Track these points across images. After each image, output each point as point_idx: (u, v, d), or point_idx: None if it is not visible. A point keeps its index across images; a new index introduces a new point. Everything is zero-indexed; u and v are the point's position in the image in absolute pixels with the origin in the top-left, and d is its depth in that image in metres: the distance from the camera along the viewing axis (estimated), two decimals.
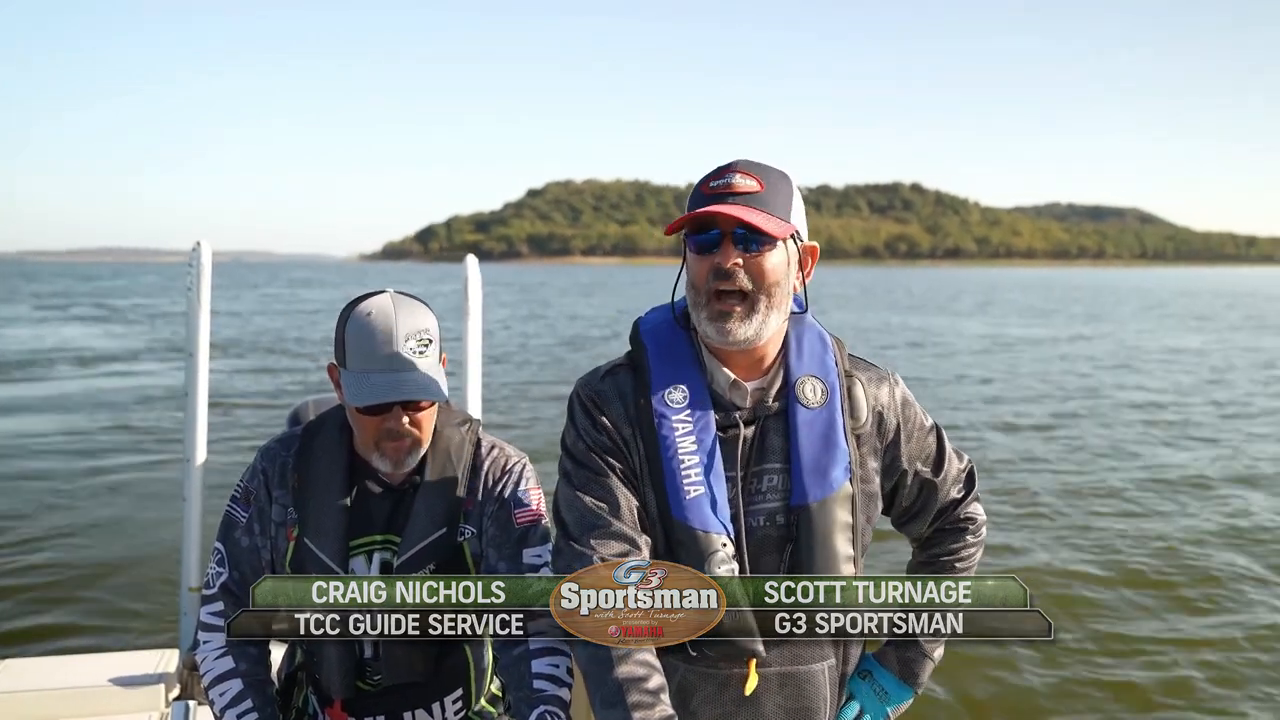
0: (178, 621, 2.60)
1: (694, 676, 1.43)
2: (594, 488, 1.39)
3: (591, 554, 1.31)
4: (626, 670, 1.22)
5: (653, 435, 1.39)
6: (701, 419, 1.39)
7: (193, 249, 2.59)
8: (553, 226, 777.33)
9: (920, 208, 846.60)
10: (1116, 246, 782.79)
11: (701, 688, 1.43)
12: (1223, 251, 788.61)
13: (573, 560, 1.32)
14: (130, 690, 2.41)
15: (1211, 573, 6.06)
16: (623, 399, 1.43)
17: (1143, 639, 5.05)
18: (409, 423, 1.60)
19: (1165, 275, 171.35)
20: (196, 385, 2.57)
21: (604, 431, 1.41)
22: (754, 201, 1.34)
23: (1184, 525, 7.21)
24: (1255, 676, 4.61)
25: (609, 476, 1.39)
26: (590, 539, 1.33)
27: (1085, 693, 4.45)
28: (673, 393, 1.40)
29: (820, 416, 1.42)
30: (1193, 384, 15.95)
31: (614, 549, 1.32)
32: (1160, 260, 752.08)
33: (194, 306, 2.54)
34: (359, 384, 1.56)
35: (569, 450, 1.45)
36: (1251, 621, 5.29)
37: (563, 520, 1.40)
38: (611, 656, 1.23)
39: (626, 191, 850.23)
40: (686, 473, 1.36)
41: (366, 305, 1.61)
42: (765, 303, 1.35)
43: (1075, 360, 19.79)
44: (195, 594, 2.49)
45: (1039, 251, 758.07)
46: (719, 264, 1.34)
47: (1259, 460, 9.67)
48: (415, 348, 1.58)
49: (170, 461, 8.75)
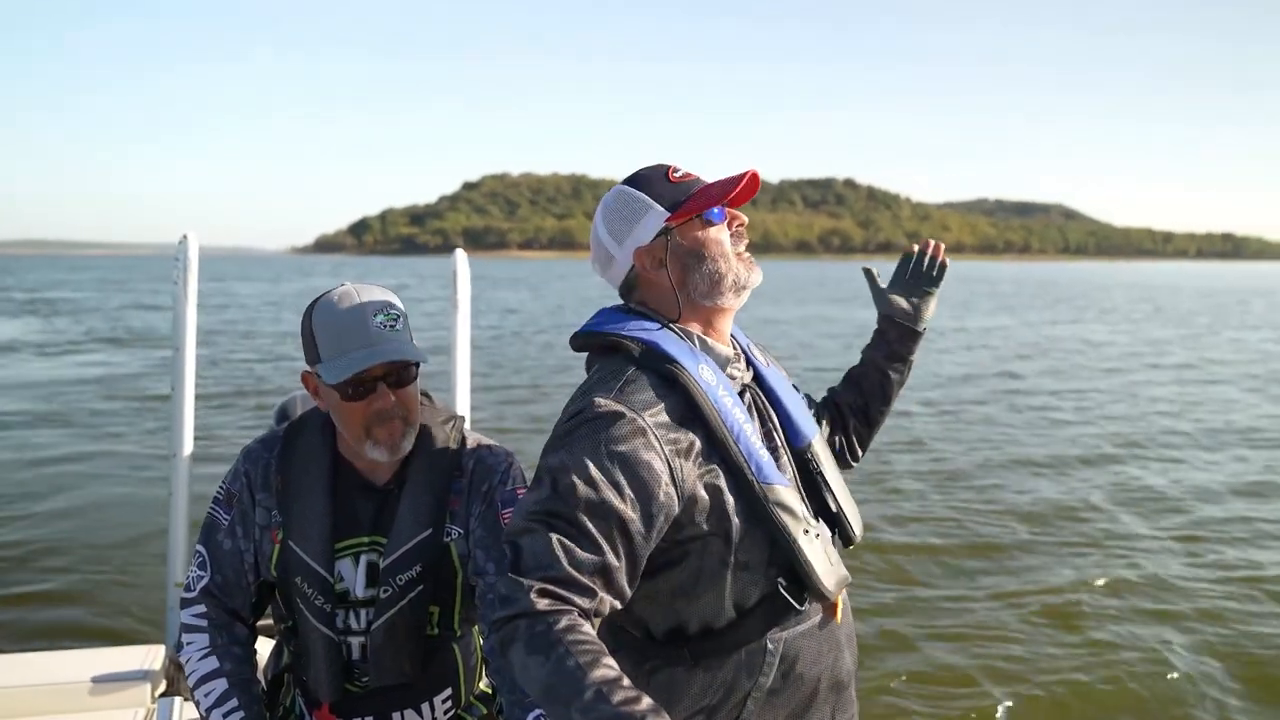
0: (164, 617, 2.58)
1: (792, 637, 1.39)
2: (577, 544, 1.22)
3: (533, 585, 1.18)
4: (601, 674, 1.10)
5: (715, 416, 1.34)
6: (730, 392, 1.40)
7: (179, 242, 2.51)
8: (489, 220, 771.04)
9: (853, 202, 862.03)
10: (1041, 241, 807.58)
11: (804, 645, 1.41)
12: (1141, 247, 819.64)
13: (514, 590, 1.19)
14: (116, 686, 2.37)
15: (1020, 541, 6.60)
16: (663, 399, 1.32)
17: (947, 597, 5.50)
18: (396, 402, 1.56)
19: (1083, 269, 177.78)
20: (183, 380, 2.52)
21: (642, 487, 1.26)
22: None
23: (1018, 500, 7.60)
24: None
25: (600, 541, 1.23)
26: (538, 575, 1.20)
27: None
28: (703, 371, 1.37)
29: (775, 370, 1.57)
30: (1087, 374, 16.49)
31: (565, 588, 1.20)
32: (1082, 255, 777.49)
33: (180, 301, 2.49)
34: (338, 365, 1.52)
35: (562, 495, 1.24)
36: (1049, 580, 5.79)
37: (519, 545, 1.24)
38: (580, 664, 1.11)
39: (563, 185, 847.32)
40: (753, 439, 1.37)
41: (328, 296, 1.58)
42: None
43: (975, 350, 20.49)
44: (180, 590, 2.46)
45: (967, 246, 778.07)
46: (742, 223, 1.46)
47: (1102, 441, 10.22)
48: (385, 322, 1.54)
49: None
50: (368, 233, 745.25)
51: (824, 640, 1.45)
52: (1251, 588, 5.60)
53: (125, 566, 5.89)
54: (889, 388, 1.77)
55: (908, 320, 1.75)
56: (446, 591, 1.66)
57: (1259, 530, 6.79)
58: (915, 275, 1.78)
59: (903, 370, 1.78)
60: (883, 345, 1.77)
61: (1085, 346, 21.47)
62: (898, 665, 4.57)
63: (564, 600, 1.19)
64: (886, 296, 1.77)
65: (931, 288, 1.77)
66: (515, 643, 1.17)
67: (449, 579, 1.66)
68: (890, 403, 1.79)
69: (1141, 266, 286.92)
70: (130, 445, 9.51)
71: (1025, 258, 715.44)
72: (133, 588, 5.53)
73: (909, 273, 1.78)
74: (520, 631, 1.17)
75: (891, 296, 1.77)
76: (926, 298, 1.77)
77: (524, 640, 1.16)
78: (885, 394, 1.77)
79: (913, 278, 1.78)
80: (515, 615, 1.18)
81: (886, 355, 1.76)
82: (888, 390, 1.77)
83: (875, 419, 1.79)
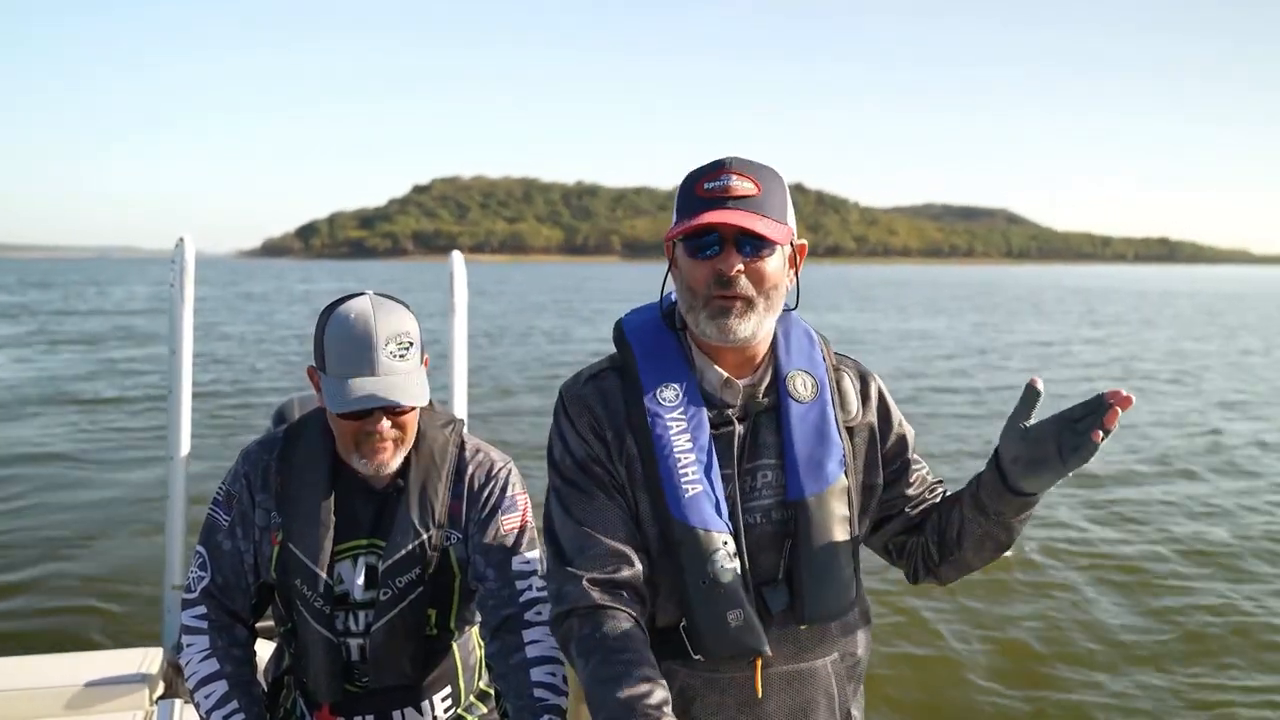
0: (161, 619, 2.53)
1: (696, 682, 1.41)
2: (582, 505, 1.37)
3: (583, 575, 1.31)
4: (629, 688, 1.19)
5: (646, 436, 1.37)
6: (695, 417, 1.37)
7: (176, 245, 2.48)
8: (439, 223, 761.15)
9: (803, 206, 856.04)
10: (985, 245, 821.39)
11: (704, 694, 1.40)
12: (1081, 250, 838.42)
13: (565, 583, 1.32)
14: (114, 689, 2.34)
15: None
16: (608, 402, 1.41)
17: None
18: (391, 425, 1.58)
19: (1025, 273, 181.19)
20: (180, 382, 2.49)
21: (589, 440, 1.40)
22: (753, 206, 1.32)
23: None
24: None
25: (596, 491, 1.38)
26: (580, 561, 1.33)
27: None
28: (664, 391, 1.38)
29: (812, 410, 1.41)
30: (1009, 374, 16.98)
31: (606, 568, 1.32)
32: (1025, 258, 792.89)
33: (177, 303, 2.47)
34: (339, 390, 1.53)
35: (556, 465, 1.42)
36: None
37: (555, 540, 1.38)
38: (613, 675, 1.21)
39: (514, 188, 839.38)
40: (684, 471, 1.34)
41: (345, 308, 1.58)
42: (764, 304, 1.35)
43: (902, 350, 21.09)
44: (179, 592, 2.41)
45: (914, 250, 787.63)
46: (721, 270, 1.32)
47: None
48: (396, 351, 1.56)
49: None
50: (315, 236, 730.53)
51: (736, 703, 1.40)
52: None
53: (121, 568, 5.84)
54: (963, 533, 1.43)
55: (1011, 468, 1.33)
56: (445, 594, 1.69)
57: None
58: (1071, 422, 1.27)
59: (984, 524, 1.39)
60: (973, 483, 1.42)
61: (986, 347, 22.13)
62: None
63: (610, 587, 1.31)
64: (1016, 428, 1.32)
65: (1080, 445, 1.25)
66: (570, 644, 1.31)
67: (447, 582, 1.68)
68: (962, 551, 1.45)
69: (1081, 270, 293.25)
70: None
71: (969, 261, 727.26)
72: (130, 589, 5.49)
73: (1074, 415, 1.28)
74: (574, 631, 1.30)
75: (1023, 428, 1.31)
76: (1055, 459, 1.28)
77: (576, 642, 1.30)
78: (957, 537, 1.44)
79: (1068, 423, 1.28)
80: (568, 611, 1.32)
81: (972, 496, 1.41)
82: (960, 535, 1.44)
83: (944, 555, 1.47)
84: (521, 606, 1.61)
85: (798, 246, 1.43)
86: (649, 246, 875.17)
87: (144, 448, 9.32)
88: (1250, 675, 4.62)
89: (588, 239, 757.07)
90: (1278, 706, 4.27)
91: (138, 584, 5.52)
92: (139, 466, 8.53)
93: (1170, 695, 4.39)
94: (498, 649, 1.59)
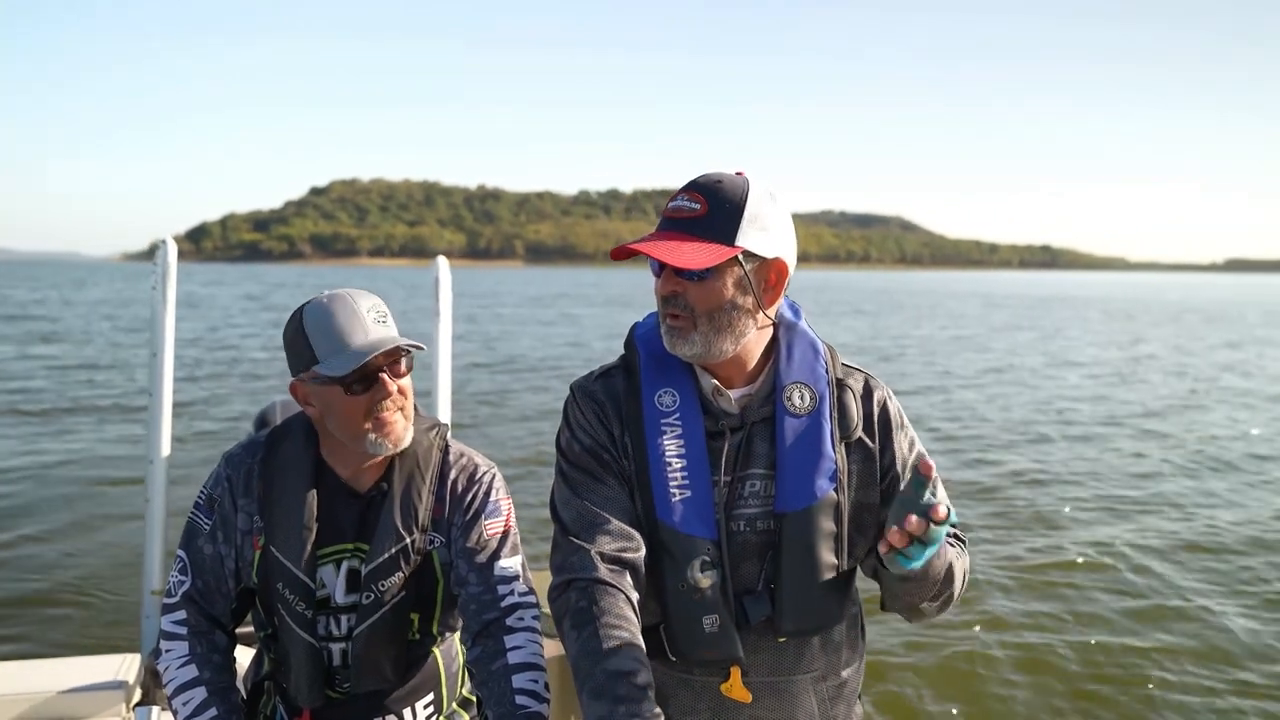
0: (139, 625, 2.48)
1: (671, 683, 1.44)
2: (590, 488, 1.40)
3: (589, 548, 1.32)
4: (616, 663, 1.20)
5: (641, 438, 1.40)
6: (690, 423, 1.40)
7: (158, 248, 2.44)
8: (338, 226, 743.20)
9: None
10: (880, 251, 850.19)
11: (678, 695, 1.44)
12: (971, 256, 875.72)
13: (570, 554, 1.34)
14: (91, 696, 2.29)
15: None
16: (614, 400, 1.45)
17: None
18: (398, 390, 1.58)
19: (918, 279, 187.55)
20: (160, 386, 2.46)
21: (596, 431, 1.44)
22: (692, 228, 1.31)
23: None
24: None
25: (606, 476, 1.41)
26: (588, 535, 1.35)
27: None
28: (663, 396, 1.42)
29: (807, 423, 1.40)
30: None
31: (612, 545, 1.33)
32: (918, 264, 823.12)
33: (158, 307, 2.43)
34: (341, 359, 1.52)
35: (564, 451, 1.46)
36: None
37: (560, 517, 1.41)
38: (602, 649, 1.22)
39: (415, 192, 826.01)
40: (673, 475, 1.37)
41: (316, 301, 1.60)
42: (706, 324, 1.34)
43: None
44: (157, 597, 2.38)
45: (812, 255, 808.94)
46: (659, 290, 1.38)
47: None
48: (377, 318, 1.58)
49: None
50: (207, 238, 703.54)
51: (709, 708, 1.43)
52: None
53: (97, 573, 5.69)
54: (879, 580, 1.45)
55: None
56: (428, 598, 1.68)
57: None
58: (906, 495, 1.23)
59: (888, 582, 1.39)
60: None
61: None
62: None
63: (617, 564, 1.32)
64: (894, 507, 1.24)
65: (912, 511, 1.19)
66: (565, 616, 1.30)
67: (430, 586, 1.68)
68: (888, 597, 1.43)
69: (970, 276, 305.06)
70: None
71: (865, 267, 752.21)
72: (107, 595, 5.36)
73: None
74: (571, 603, 1.30)
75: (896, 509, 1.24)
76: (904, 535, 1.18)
77: (570, 613, 1.29)
78: (879, 582, 1.45)
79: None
80: (570, 581, 1.33)
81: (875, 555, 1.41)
82: (879, 580, 1.44)
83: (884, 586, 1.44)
84: (503, 611, 1.60)
85: (772, 262, 1.37)
86: (552, 251, 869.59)
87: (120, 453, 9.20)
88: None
89: (490, 243, 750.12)
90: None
91: (115, 589, 5.40)
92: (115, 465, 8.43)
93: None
94: (479, 654, 1.58)
